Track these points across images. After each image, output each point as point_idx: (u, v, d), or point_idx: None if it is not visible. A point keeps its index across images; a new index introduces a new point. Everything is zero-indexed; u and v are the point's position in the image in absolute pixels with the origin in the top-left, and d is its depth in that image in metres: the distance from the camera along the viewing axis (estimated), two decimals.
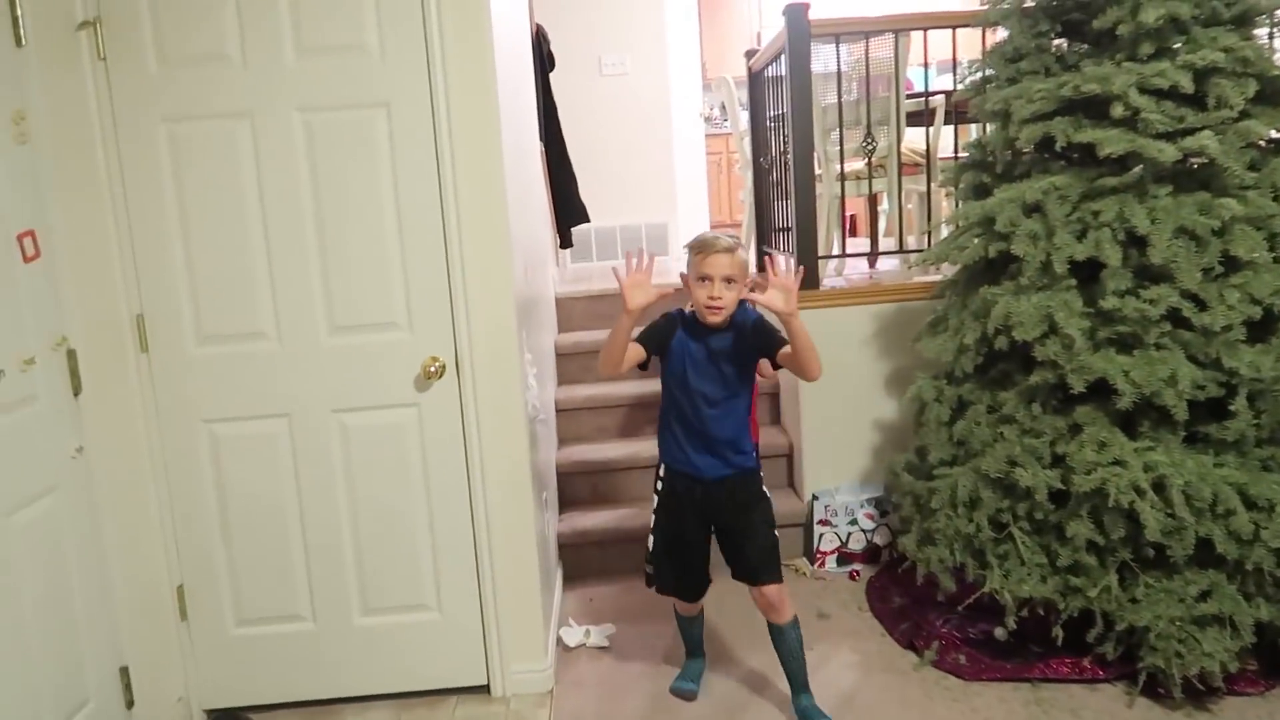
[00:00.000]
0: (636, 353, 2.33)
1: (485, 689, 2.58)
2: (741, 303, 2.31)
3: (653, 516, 2.45)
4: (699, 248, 2.26)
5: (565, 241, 4.58)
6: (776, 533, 2.37)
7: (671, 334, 2.34)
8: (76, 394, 2.24)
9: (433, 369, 2.43)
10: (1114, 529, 2.22)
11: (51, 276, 2.18)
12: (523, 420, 2.51)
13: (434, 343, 2.45)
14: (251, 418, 2.46)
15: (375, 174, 2.38)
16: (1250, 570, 2.18)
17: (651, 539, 2.46)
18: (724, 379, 2.32)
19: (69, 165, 2.25)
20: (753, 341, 2.32)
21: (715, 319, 2.25)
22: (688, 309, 2.37)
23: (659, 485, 2.44)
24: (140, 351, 2.40)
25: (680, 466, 2.38)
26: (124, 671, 2.34)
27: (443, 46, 2.33)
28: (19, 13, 2.11)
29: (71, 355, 2.23)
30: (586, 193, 4.59)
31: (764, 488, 2.41)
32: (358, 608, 2.54)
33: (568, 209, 4.48)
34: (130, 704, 2.34)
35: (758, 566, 2.31)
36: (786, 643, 2.32)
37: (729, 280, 2.22)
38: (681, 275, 2.34)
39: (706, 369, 2.31)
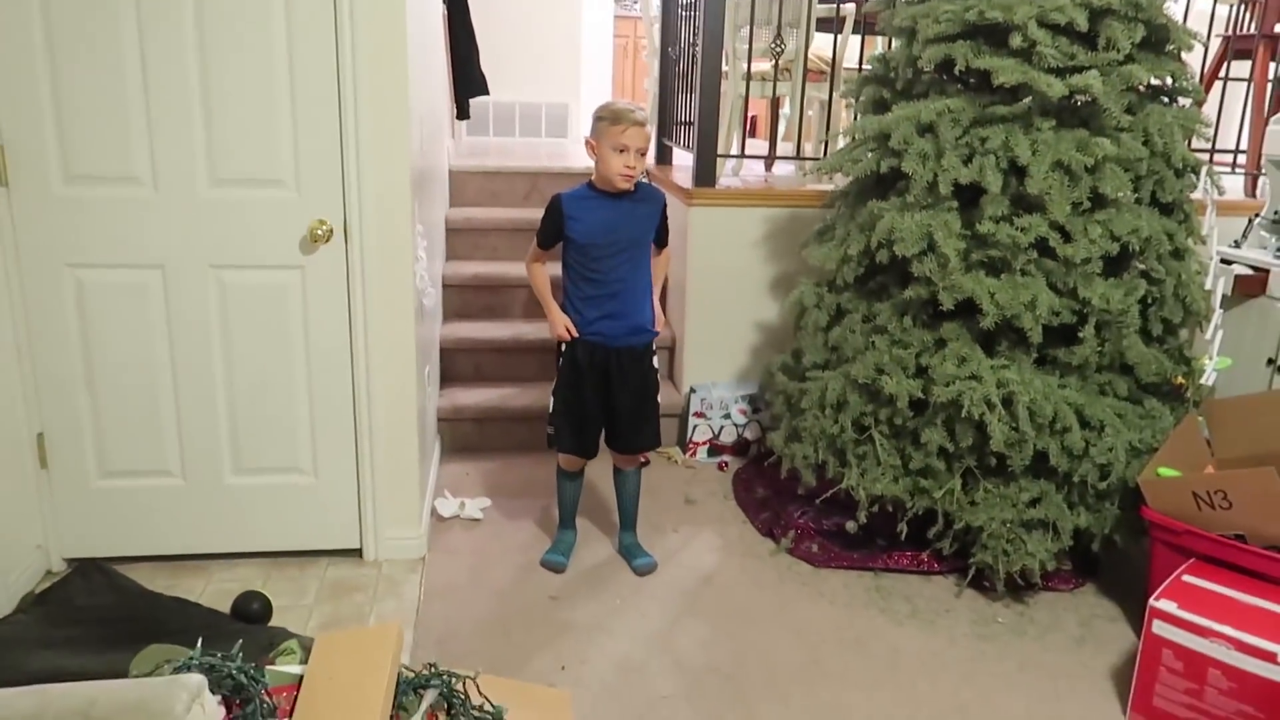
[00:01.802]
0: (541, 256, 2.57)
1: (358, 553, 2.62)
2: (647, 183, 2.52)
3: (556, 380, 2.56)
4: (616, 117, 2.35)
5: (463, 113, 4.44)
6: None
7: (562, 217, 2.44)
8: None
9: (319, 232, 2.36)
10: (964, 438, 2.40)
11: None
12: (410, 292, 2.49)
13: (322, 206, 2.38)
14: (121, 266, 2.36)
15: (267, 19, 2.25)
16: (1076, 482, 2.40)
17: (553, 400, 2.57)
18: (633, 239, 2.46)
19: None
20: (653, 218, 2.52)
21: (627, 185, 2.39)
22: (570, 189, 2.51)
23: (561, 356, 2.54)
24: (0, 185, 2.25)
25: (585, 334, 2.48)
26: None
27: None
28: None
29: None
30: (488, 65, 4.44)
31: (655, 360, 2.59)
32: (230, 466, 2.52)
33: (467, 79, 4.33)
34: None
35: (649, 436, 2.59)
36: (631, 485, 2.68)
37: (641, 152, 2.36)
38: (588, 141, 2.43)
39: (608, 233, 2.42)
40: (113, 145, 2.27)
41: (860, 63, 3.52)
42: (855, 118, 3.05)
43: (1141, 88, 2.49)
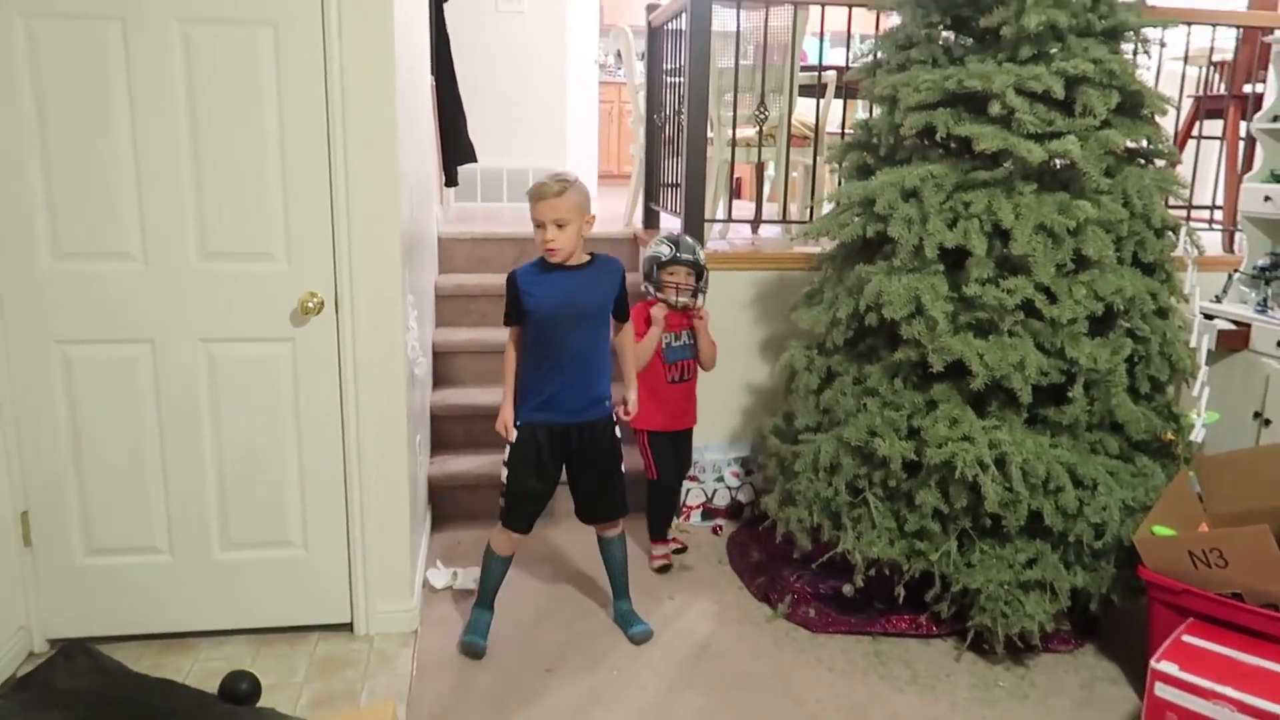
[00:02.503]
0: (517, 335, 2.50)
1: (349, 627, 2.58)
2: (605, 255, 2.51)
3: (506, 458, 2.48)
4: (531, 195, 2.37)
5: (451, 180, 4.48)
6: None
7: (518, 291, 2.42)
8: None
9: (310, 304, 2.37)
10: (958, 499, 2.39)
11: None
12: (402, 362, 2.49)
13: (313, 277, 2.39)
14: (110, 341, 2.35)
15: (259, 95, 2.28)
16: (1072, 542, 2.39)
17: (506, 474, 2.48)
18: (587, 312, 2.43)
19: None
20: (611, 289, 2.48)
21: (554, 259, 2.37)
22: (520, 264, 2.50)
23: (514, 439, 2.46)
24: None
25: (540, 417, 2.44)
26: None
27: None
28: None
29: None
30: (475, 132, 4.50)
31: (616, 431, 2.57)
32: (218, 542, 2.49)
33: (455, 146, 4.38)
34: None
35: (615, 506, 2.57)
36: (617, 552, 2.64)
37: (559, 224, 2.33)
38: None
39: (560, 307, 2.40)
40: (103, 221, 2.28)
41: (843, 128, 3.59)
42: (839, 182, 3.10)
43: (1119, 151, 2.54)
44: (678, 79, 3.60)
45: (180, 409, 2.40)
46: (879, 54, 2.82)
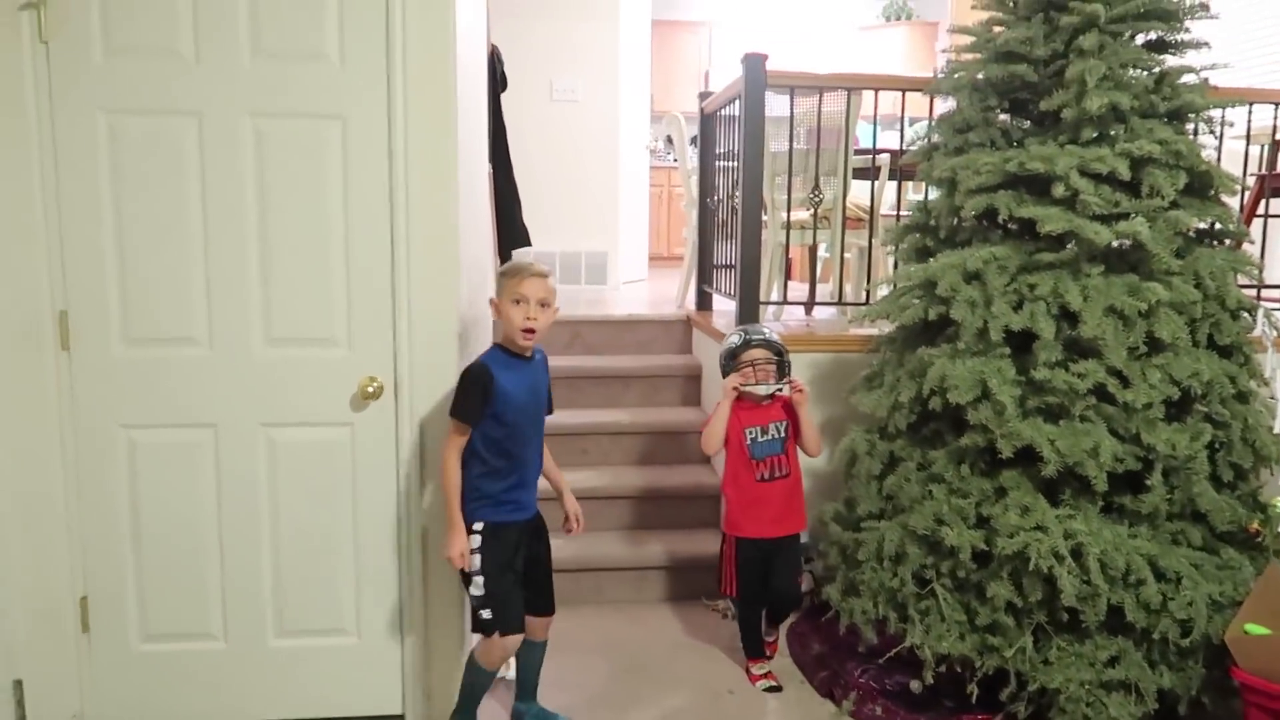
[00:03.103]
0: (464, 440, 2.26)
1: (400, 718, 2.52)
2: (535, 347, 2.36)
3: (479, 567, 2.26)
4: (513, 271, 2.29)
5: (506, 263, 4.54)
6: None
7: (493, 385, 2.23)
8: None
9: (370, 389, 2.38)
10: (1032, 592, 2.29)
11: None
12: None
13: (373, 362, 2.40)
14: (175, 425, 2.37)
15: (325, 187, 2.33)
16: (1156, 639, 2.27)
17: (484, 584, 2.26)
18: (538, 408, 2.38)
19: (1, 150, 2.16)
20: (547, 380, 2.42)
21: (530, 341, 2.28)
22: (480, 357, 2.32)
23: (479, 544, 2.27)
24: (61, 349, 2.30)
25: (505, 516, 2.30)
26: (17, 685, 2.22)
27: (404, 61, 2.31)
28: None
29: None
30: (529, 216, 4.57)
31: None
32: (273, 629, 2.46)
33: (510, 231, 4.45)
34: (22, 719, 2.22)
35: (550, 595, 2.46)
36: (538, 655, 2.50)
37: (543, 304, 2.27)
38: (491, 301, 2.36)
39: (528, 401, 2.32)
40: (172, 307, 2.32)
41: (898, 210, 3.58)
42: (895, 265, 3.08)
43: (1189, 232, 2.49)
44: (731, 163, 3.64)
45: (239, 494, 2.41)
46: (935, 137, 2.81)
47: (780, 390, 2.79)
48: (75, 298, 2.29)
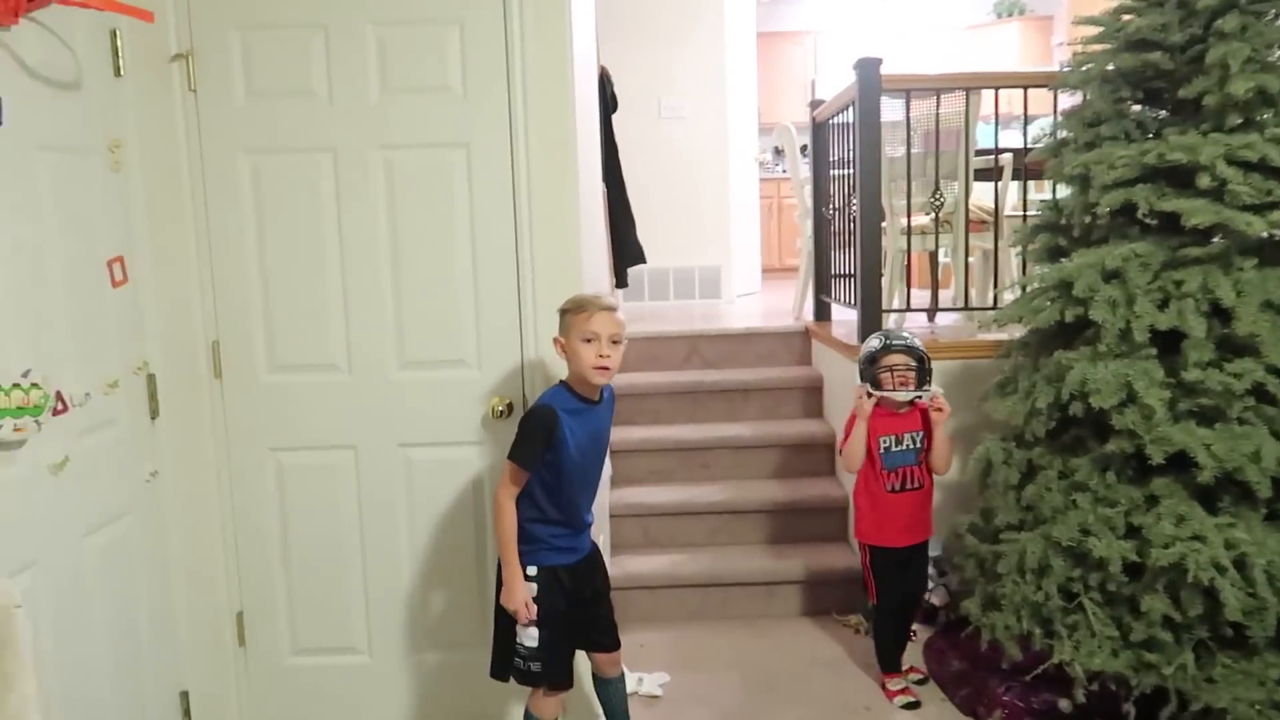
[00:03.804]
0: (522, 485, 2.15)
1: None
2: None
3: (536, 617, 2.14)
4: (580, 306, 2.13)
5: (621, 282, 4.59)
6: None
7: (559, 428, 2.12)
8: (153, 418, 2.27)
9: (500, 409, 2.43)
10: (1191, 605, 2.16)
11: (136, 301, 2.22)
12: None
13: (502, 382, 2.46)
14: (318, 448, 2.48)
15: (452, 212, 2.41)
16: None
17: (536, 635, 2.16)
18: (598, 455, 2.26)
19: (157, 193, 2.31)
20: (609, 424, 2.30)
21: (603, 379, 2.15)
22: (545, 397, 2.21)
23: (535, 592, 2.15)
24: (214, 378, 2.44)
25: (559, 560, 2.18)
26: (184, 696, 2.34)
27: (525, 90, 2.37)
28: (120, 44, 2.17)
29: (151, 380, 2.26)
30: (642, 234, 4.61)
31: None
32: (414, 643, 2.54)
33: (625, 250, 4.49)
34: None
35: (613, 630, 2.34)
36: (619, 690, 2.38)
37: (614, 341, 2.13)
38: (556, 340, 2.20)
39: (588, 449, 2.18)
40: (314, 334, 2.44)
41: (1024, 209, 3.46)
42: (1024, 266, 2.97)
43: None
44: (846, 170, 3.59)
45: (379, 511, 2.50)
46: (1063, 132, 2.71)
47: (919, 398, 2.71)
48: (225, 328, 2.43)
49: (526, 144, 2.38)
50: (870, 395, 2.70)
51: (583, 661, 2.38)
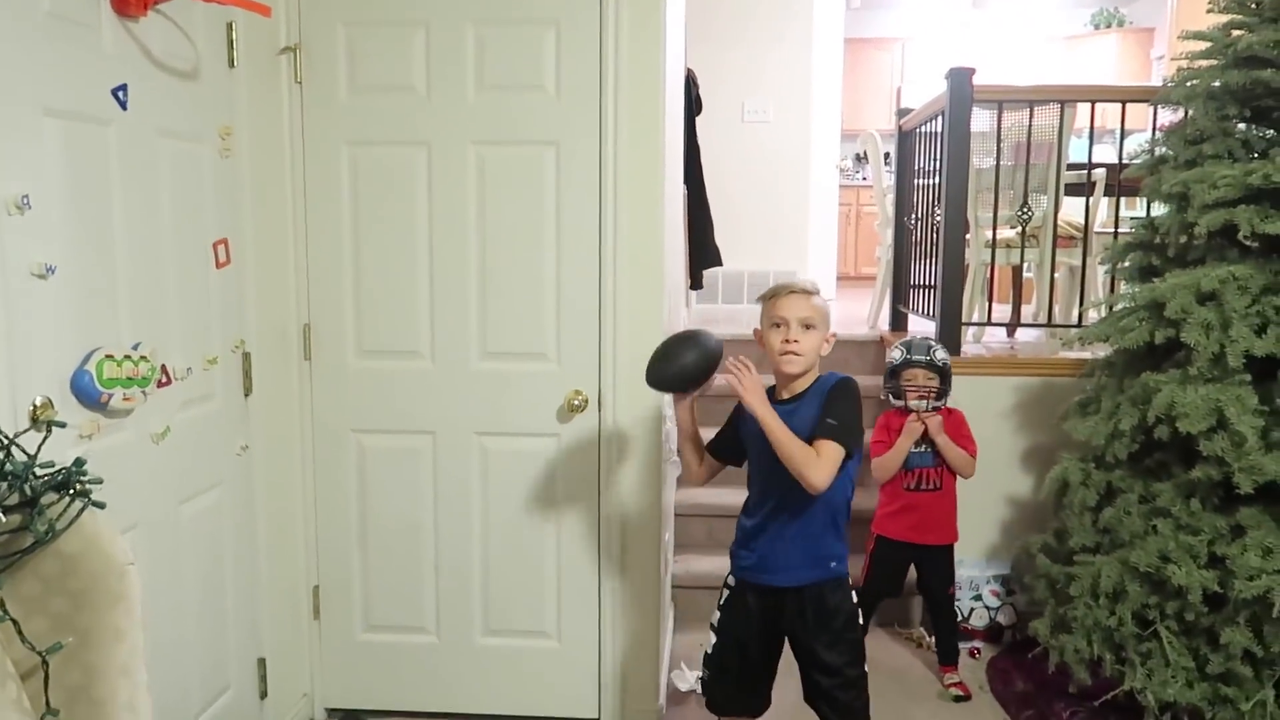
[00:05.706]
0: (710, 466, 2.16)
1: None
2: (831, 373, 2.05)
3: (716, 617, 2.13)
4: (770, 293, 2.03)
5: (696, 283, 4.60)
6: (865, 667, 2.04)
7: (743, 417, 2.03)
8: (247, 395, 2.36)
9: (576, 402, 2.47)
10: (1275, 641, 2.10)
11: (237, 283, 2.31)
12: (658, 461, 2.54)
13: (579, 376, 2.50)
14: (399, 432, 2.55)
15: (539, 209, 2.45)
16: None
17: (713, 643, 2.12)
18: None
19: (261, 180, 2.39)
20: (817, 409, 1.98)
21: (792, 368, 1.97)
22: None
23: (723, 599, 2.12)
24: (304, 359, 2.53)
25: (749, 576, 2.04)
26: (261, 663, 2.43)
27: (616, 91, 2.40)
28: (234, 37, 2.26)
29: (247, 358, 2.35)
30: (719, 235, 4.62)
31: (853, 601, 2.04)
32: (480, 627, 2.60)
33: (702, 252, 4.51)
34: (264, 694, 2.43)
35: (840, 708, 2.01)
36: None
37: (807, 325, 1.97)
38: (755, 331, 2.10)
39: (765, 447, 1.95)
40: (400, 322, 2.51)
41: (1115, 226, 3.38)
42: (1113, 284, 2.91)
43: None
44: (931, 180, 3.55)
45: (454, 497, 2.56)
46: (1162, 149, 2.65)
47: (924, 410, 2.81)
48: (317, 312, 2.52)
49: (615, 144, 2.42)
50: (918, 418, 2.81)
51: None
